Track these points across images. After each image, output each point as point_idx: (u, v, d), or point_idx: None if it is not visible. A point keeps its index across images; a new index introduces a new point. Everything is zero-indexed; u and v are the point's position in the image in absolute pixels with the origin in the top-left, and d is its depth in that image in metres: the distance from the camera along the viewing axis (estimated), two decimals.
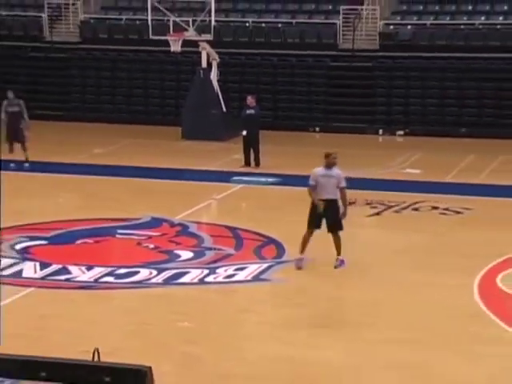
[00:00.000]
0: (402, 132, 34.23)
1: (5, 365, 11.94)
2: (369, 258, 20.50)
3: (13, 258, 20.14)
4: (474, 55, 33.70)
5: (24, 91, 36.44)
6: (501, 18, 34.90)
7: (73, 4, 37.92)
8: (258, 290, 18.81)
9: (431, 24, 35.08)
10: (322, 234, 21.98)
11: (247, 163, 28.04)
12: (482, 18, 35.00)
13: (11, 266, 19.66)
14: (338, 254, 19.65)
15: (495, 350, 15.45)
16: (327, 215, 19.39)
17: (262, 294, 18.78)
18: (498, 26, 34.44)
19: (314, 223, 19.51)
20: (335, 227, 19.62)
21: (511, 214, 23.95)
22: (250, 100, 28.43)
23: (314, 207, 19.41)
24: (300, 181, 26.95)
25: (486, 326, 16.56)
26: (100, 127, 34.76)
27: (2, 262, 19.79)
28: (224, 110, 31.48)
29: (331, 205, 19.46)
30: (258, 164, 28.05)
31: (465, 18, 35.14)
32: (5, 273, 19.21)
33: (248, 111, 28.25)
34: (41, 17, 37.44)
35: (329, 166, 19.69)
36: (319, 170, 19.85)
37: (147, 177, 27.51)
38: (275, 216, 23.32)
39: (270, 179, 27.00)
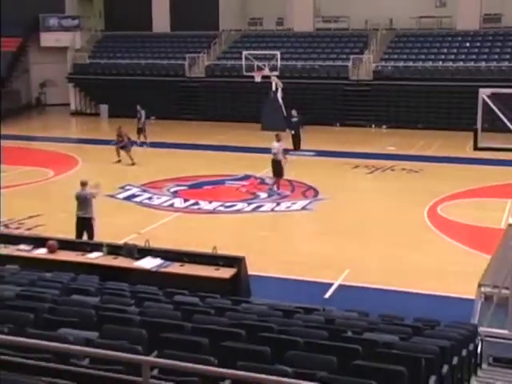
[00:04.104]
0: (385, 126, 33.82)
1: (163, 254, 12.14)
2: (366, 197, 20.45)
3: (168, 196, 20.38)
4: (426, 83, 33.16)
5: (173, 104, 36.71)
6: (440, 62, 34.28)
7: (200, 56, 37.84)
8: (304, 215, 18.81)
9: (402, 66, 34.57)
10: (339, 184, 21.98)
11: (295, 146, 27.52)
12: (430, 62, 34.39)
13: (167, 200, 19.91)
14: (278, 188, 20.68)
15: (435, 246, 15.66)
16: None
17: (307, 217, 18.75)
18: (439, 67, 33.88)
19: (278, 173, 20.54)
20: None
21: (446, 172, 23.72)
22: (294, 112, 27.95)
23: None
24: (328, 154, 27.00)
25: (430, 234, 16.61)
26: (216, 124, 34.75)
27: (162, 199, 20.09)
28: (285, 114, 31.25)
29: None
30: (299, 147, 27.42)
31: (420, 63, 34.54)
32: (164, 204, 19.47)
33: (293, 119, 27.76)
34: (184, 64, 37.50)
35: (278, 141, 20.56)
36: (275, 143, 20.63)
37: (242, 151, 27.58)
38: (312, 173, 23.23)
39: (309, 153, 26.90)
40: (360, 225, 17.41)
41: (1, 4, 35.58)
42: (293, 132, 27.63)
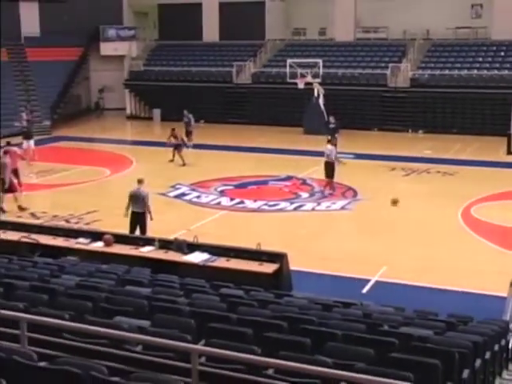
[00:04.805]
0: (421, 131, 33.37)
1: (211, 249, 12.16)
2: (403, 198, 20.14)
3: (215, 195, 20.44)
4: (459, 90, 32.66)
5: (221, 109, 36.83)
6: (475, 70, 33.72)
7: (247, 64, 37.90)
8: (344, 214, 18.67)
9: (438, 74, 34.11)
10: (377, 186, 21.77)
11: None
12: (466, 70, 33.86)
13: (215, 199, 19.97)
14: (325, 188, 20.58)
15: (468, 245, 15.37)
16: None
17: (346, 216, 18.60)
18: (474, 75, 33.34)
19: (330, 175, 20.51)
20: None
21: (480, 175, 23.33)
22: (331, 119, 27.55)
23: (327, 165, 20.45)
24: (366, 156, 26.70)
25: (464, 234, 16.35)
26: (260, 127, 34.70)
27: (210, 197, 20.16)
28: (326, 119, 30.97)
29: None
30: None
31: (456, 71, 34.03)
32: (211, 202, 19.55)
33: (331, 125, 27.26)
34: (231, 71, 37.58)
35: (332, 145, 20.96)
36: (329, 146, 20.82)
37: (285, 153, 27.49)
38: (352, 174, 22.93)
39: (349, 156, 26.55)
40: (397, 224, 17.22)
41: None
42: (329, 137, 27.11)
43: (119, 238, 12.56)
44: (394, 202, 18.95)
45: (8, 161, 18.57)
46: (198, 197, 20.22)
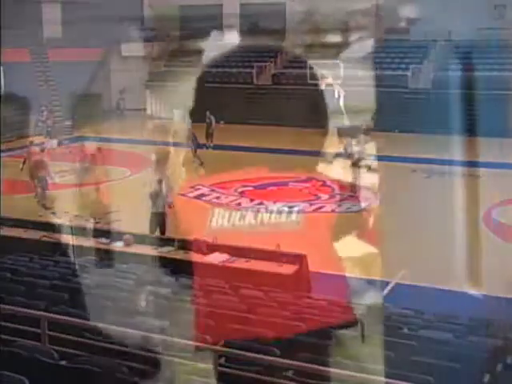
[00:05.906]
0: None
1: (230, 249, 12.17)
2: (424, 200, 20.10)
3: (235, 196, 20.46)
4: (481, 92, 32.28)
5: (241, 110, 36.84)
6: (495, 72, 33.55)
7: (267, 65, 37.88)
8: (364, 215, 18.56)
9: (460, 75, 33.90)
10: (398, 187, 21.61)
11: None
12: (487, 72, 33.63)
13: (234, 200, 19.98)
14: None
15: (490, 248, 15.12)
16: None
17: (366, 217, 18.47)
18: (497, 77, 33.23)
19: None
20: None
21: (503, 178, 23.12)
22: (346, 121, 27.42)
23: None
24: (387, 158, 26.33)
25: (485, 237, 16.24)
26: (280, 128, 34.57)
27: (230, 198, 20.17)
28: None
29: None
30: None
31: (478, 73, 33.79)
32: (231, 203, 19.54)
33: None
34: (252, 72, 37.58)
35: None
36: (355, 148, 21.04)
37: (305, 155, 27.20)
38: (372, 176, 22.75)
39: (369, 157, 26.37)
40: (417, 226, 17.13)
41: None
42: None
43: (139, 238, 12.63)
44: (369, 168, 19.69)
45: (46, 159, 18.96)
46: (218, 197, 20.24)
